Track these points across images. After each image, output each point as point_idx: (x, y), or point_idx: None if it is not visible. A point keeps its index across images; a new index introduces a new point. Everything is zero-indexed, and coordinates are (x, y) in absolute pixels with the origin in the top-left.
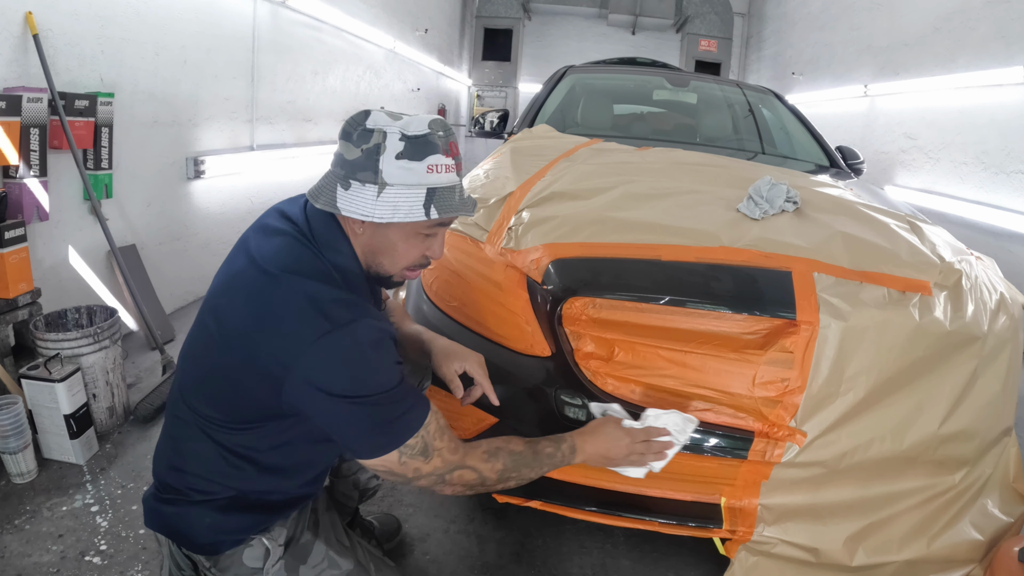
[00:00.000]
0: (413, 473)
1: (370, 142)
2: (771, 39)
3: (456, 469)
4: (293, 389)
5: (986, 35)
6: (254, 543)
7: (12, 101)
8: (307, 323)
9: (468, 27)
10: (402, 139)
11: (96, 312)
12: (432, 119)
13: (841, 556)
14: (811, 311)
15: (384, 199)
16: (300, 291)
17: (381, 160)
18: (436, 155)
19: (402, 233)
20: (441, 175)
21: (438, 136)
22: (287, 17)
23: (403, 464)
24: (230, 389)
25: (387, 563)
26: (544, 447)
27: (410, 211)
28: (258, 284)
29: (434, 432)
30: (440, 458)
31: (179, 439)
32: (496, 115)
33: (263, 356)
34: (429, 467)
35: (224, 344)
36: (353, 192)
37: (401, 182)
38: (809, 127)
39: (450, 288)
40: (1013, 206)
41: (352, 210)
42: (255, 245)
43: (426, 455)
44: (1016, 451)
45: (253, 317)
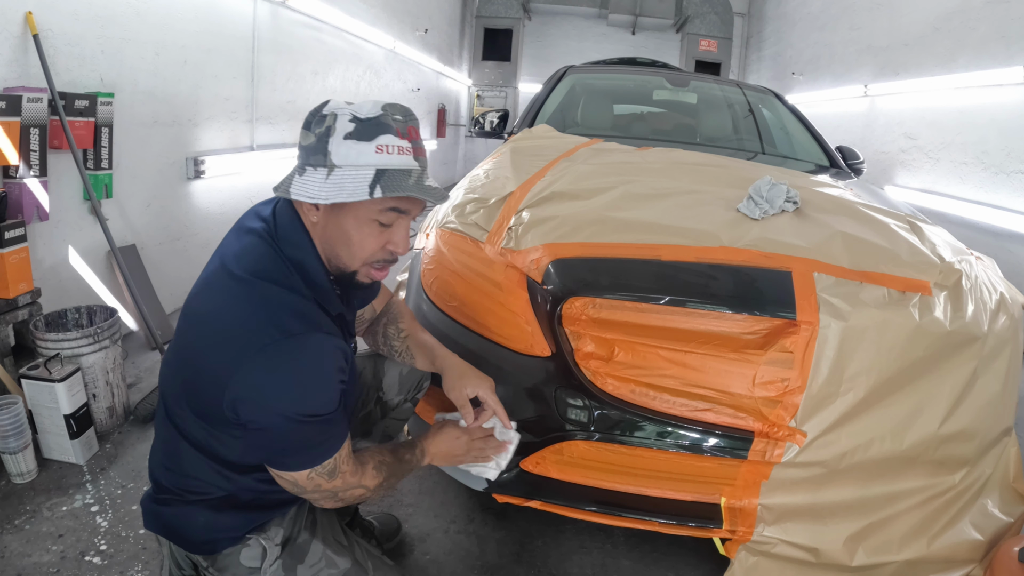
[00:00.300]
0: (313, 488)
1: (323, 126)
2: (771, 39)
3: (351, 488)
4: (236, 392)
5: (986, 35)
6: (251, 543)
7: (12, 101)
8: (258, 330)
9: (468, 27)
10: (352, 120)
11: (96, 312)
12: (390, 103)
13: (841, 556)
14: (811, 311)
15: (331, 180)
16: (255, 295)
17: (330, 142)
18: (387, 135)
19: (355, 220)
20: (392, 156)
21: (393, 119)
22: (287, 17)
23: (309, 479)
24: (195, 391)
25: (386, 562)
26: (403, 454)
27: (355, 191)
28: (221, 285)
29: (344, 457)
30: (342, 479)
31: (167, 441)
32: (496, 115)
33: (212, 357)
34: (330, 485)
35: (191, 345)
36: (307, 177)
37: (349, 163)
38: (809, 127)
39: (450, 288)
40: (1013, 206)
41: (302, 193)
42: (228, 246)
43: (332, 475)
44: (1016, 451)
45: (212, 317)
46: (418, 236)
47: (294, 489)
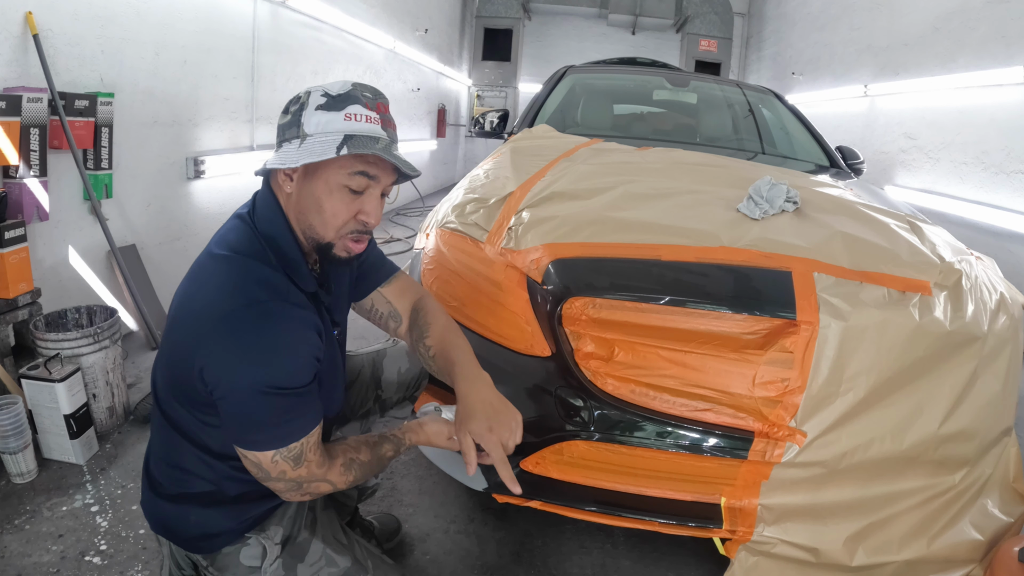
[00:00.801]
0: (277, 474)
1: (297, 104)
2: (771, 39)
3: (315, 481)
4: (203, 361)
5: (986, 35)
6: (251, 542)
7: (12, 101)
8: (223, 297)
9: (468, 27)
10: (324, 96)
11: (96, 312)
12: (359, 83)
13: (841, 556)
14: (811, 311)
15: (303, 148)
16: (226, 268)
17: (304, 115)
18: (356, 105)
19: (325, 185)
20: (360, 123)
21: (363, 94)
22: (287, 17)
23: (273, 463)
24: (181, 376)
25: (385, 561)
26: (386, 451)
27: (323, 152)
28: (199, 267)
29: (312, 444)
30: (307, 469)
31: (158, 433)
32: (496, 115)
33: (184, 332)
34: (294, 473)
35: (170, 331)
36: (282, 151)
37: (320, 131)
38: (809, 127)
39: (450, 288)
40: (1013, 206)
41: (276, 162)
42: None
43: (297, 462)
44: (1016, 451)
45: (186, 295)
46: (418, 236)
47: (258, 473)
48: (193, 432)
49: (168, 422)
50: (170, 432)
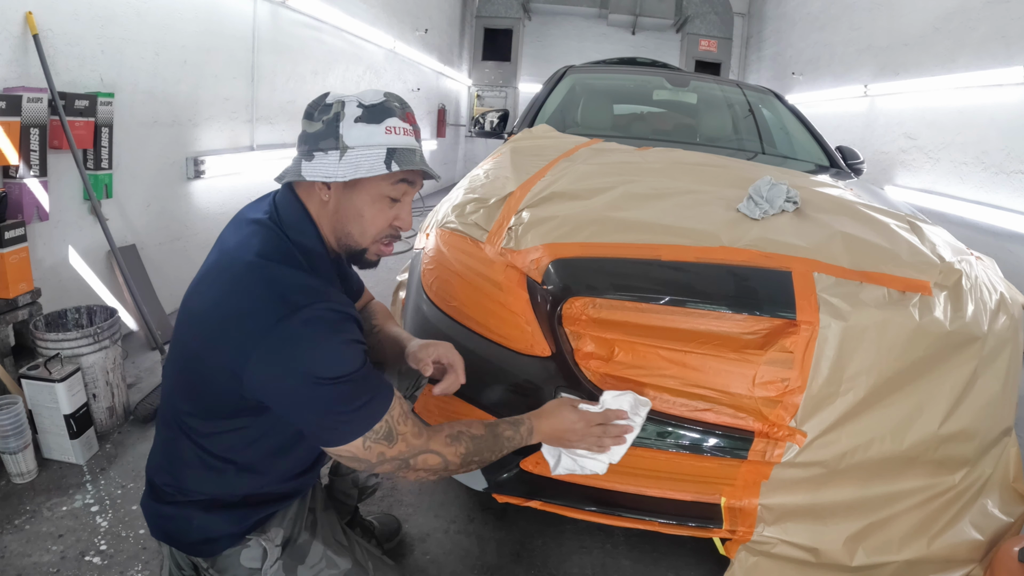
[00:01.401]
0: (377, 458)
1: (330, 113)
2: (771, 39)
3: (420, 453)
4: (254, 376)
5: (986, 35)
6: (251, 544)
7: (12, 101)
8: (266, 307)
9: (468, 27)
10: (359, 106)
11: (96, 312)
12: (388, 92)
13: (841, 556)
14: (811, 311)
15: (346, 160)
16: (261, 275)
17: (341, 126)
18: (393, 118)
19: (368, 197)
20: (399, 136)
21: (394, 105)
22: (287, 17)
23: (367, 449)
24: (201, 383)
25: (386, 562)
26: (503, 430)
27: (372, 167)
28: (223, 271)
29: (398, 417)
30: (404, 443)
31: (165, 441)
32: (496, 115)
33: (222, 342)
34: (393, 451)
35: (195, 336)
36: (317, 160)
37: (361, 143)
38: (809, 127)
39: (450, 288)
40: (1013, 206)
41: (316, 174)
42: (228, 237)
43: (390, 440)
44: (1016, 451)
45: (214, 302)
46: (418, 236)
47: (361, 465)
48: (206, 435)
49: (176, 427)
50: (179, 440)
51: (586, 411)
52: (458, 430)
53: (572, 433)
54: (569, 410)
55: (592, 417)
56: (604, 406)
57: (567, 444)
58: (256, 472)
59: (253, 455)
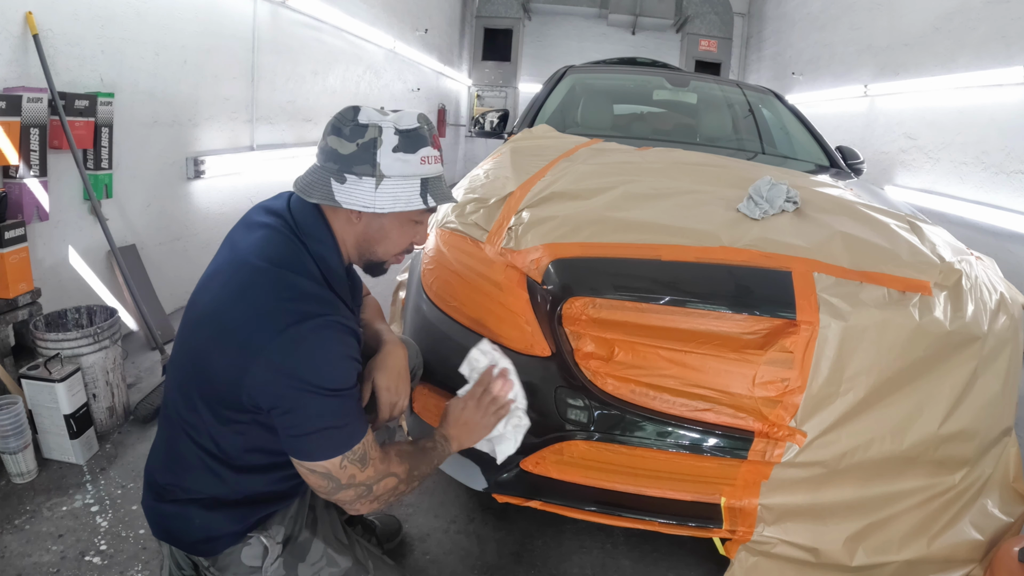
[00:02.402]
0: (347, 480)
1: (365, 136)
2: (771, 39)
3: (383, 478)
4: (256, 378)
5: (986, 35)
6: (252, 542)
7: (12, 101)
8: (277, 315)
9: (468, 27)
10: (396, 133)
11: (96, 312)
12: (419, 114)
13: (841, 556)
14: (811, 311)
15: (383, 190)
16: (276, 281)
17: (379, 153)
18: (427, 148)
19: (397, 221)
20: (432, 166)
21: (425, 129)
22: (287, 17)
23: (342, 468)
24: (206, 381)
25: (386, 561)
26: (424, 444)
27: (409, 200)
28: (237, 272)
29: (371, 442)
30: (373, 467)
31: (169, 442)
32: (496, 115)
33: (230, 343)
34: (363, 475)
35: (203, 335)
36: (350, 185)
37: (399, 174)
38: (809, 127)
39: (450, 288)
40: (1013, 206)
41: (353, 203)
42: (239, 239)
43: (363, 463)
44: (1016, 451)
45: (226, 303)
46: None
47: (328, 485)
48: (207, 435)
49: (179, 426)
50: (181, 439)
51: (467, 394)
52: (399, 449)
53: (473, 418)
54: (456, 405)
55: (476, 394)
56: (471, 378)
57: (480, 430)
58: (258, 471)
59: (255, 454)
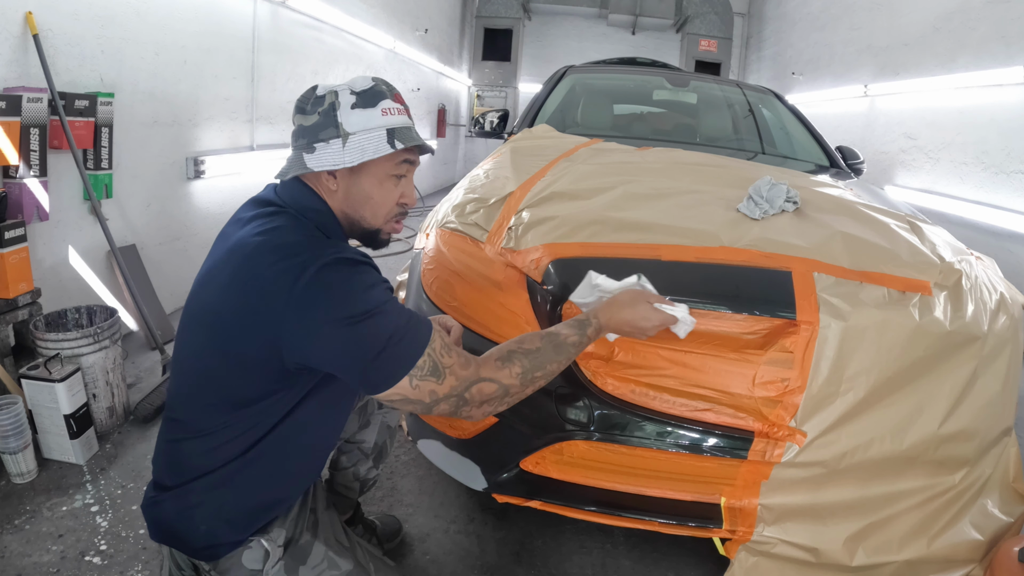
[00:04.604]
0: (430, 397)
1: (324, 104)
2: (771, 39)
3: (473, 384)
4: (293, 337)
5: (986, 35)
6: (253, 545)
7: (12, 101)
8: (290, 265)
9: (468, 27)
10: (352, 93)
11: (96, 312)
12: (374, 76)
13: (841, 556)
14: (811, 311)
15: (350, 146)
16: (277, 245)
17: (339, 114)
18: (386, 100)
19: (374, 179)
20: (395, 117)
21: (383, 87)
22: (287, 17)
23: (416, 388)
24: (228, 372)
25: (387, 563)
26: (566, 336)
27: (377, 148)
28: (237, 260)
29: (440, 349)
30: (453, 376)
31: (173, 444)
32: (496, 115)
33: (251, 319)
34: (444, 387)
35: (213, 325)
36: (319, 151)
37: (361, 128)
38: (809, 127)
39: (450, 288)
40: (1013, 206)
41: (323, 163)
42: (231, 234)
43: (437, 375)
44: (1016, 451)
45: (237, 287)
46: (418, 236)
47: (416, 408)
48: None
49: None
50: (184, 439)
51: (662, 310)
52: (508, 350)
53: (643, 326)
54: (645, 307)
55: (665, 318)
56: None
57: (643, 331)
58: (264, 466)
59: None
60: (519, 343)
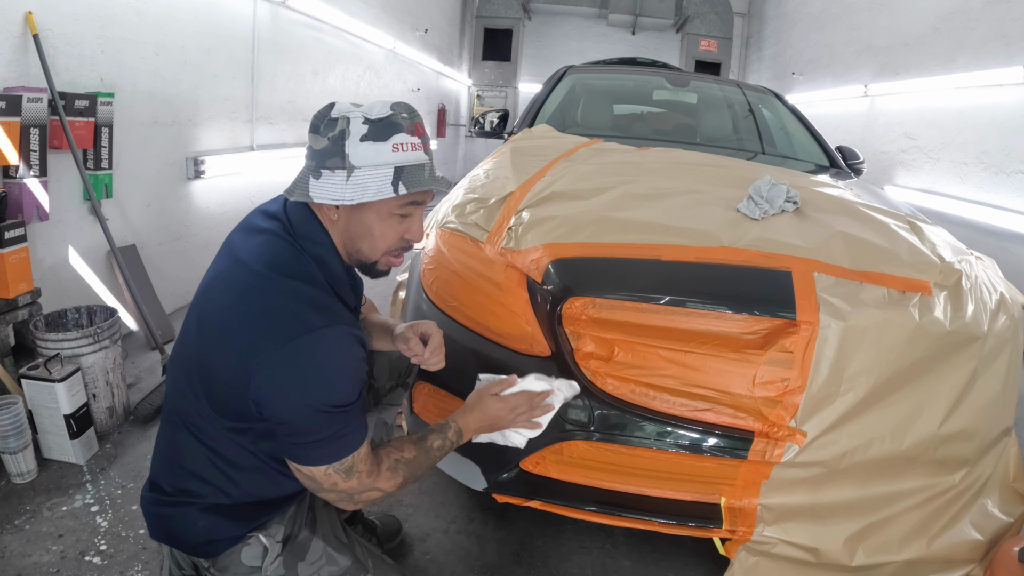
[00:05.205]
0: (329, 486)
1: (335, 129)
2: (771, 39)
3: (366, 491)
4: (260, 386)
5: (986, 35)
6: (252, 542)
7: (12, 101)
8: (283, 323)
9: (468, 27)
10: (365, 122)
11: (96, 312)
12: (395, 102)
13: (841, 556)
14: (811, 311)
15: (353, 182)
16: (279, 290)
17: (347, 144)
18: (400, 134)
19: (376, 215)
20: (407, 153)
21: (401, 117)
22: (287, 17)
23: (326, 475)
24: (214, 386)
25: (385, 560)
26: (432, 442)
27: (379, 190)
28: (239, 280)
29: (363, 455)
30: (358, 479)
31: (172, 443)
32: (496, 115)
33: (236, 353)
34: (346, 485)
35: (207, 340)
36: (324, 180)
37: (368, 163)
38: (809, 127)
39: (450, 288)
40: (1013, 206)
41: (323, 196)
42: (239, 244)
43: (349, 474)
44: (1016, 451)
45: (231, 310)
46: None
47: (311, 485)
48: (214, 438)
49: (184, 429)
50: (188, 443)
51: (508, 395)
52: (395, 459)
53: (500, 421)
54: (491, 399)
55: (514, 400)
56: (522, 387)
57: (498, 426)
58: (262, 474)
59: (260, 458)
60: (400, 452)
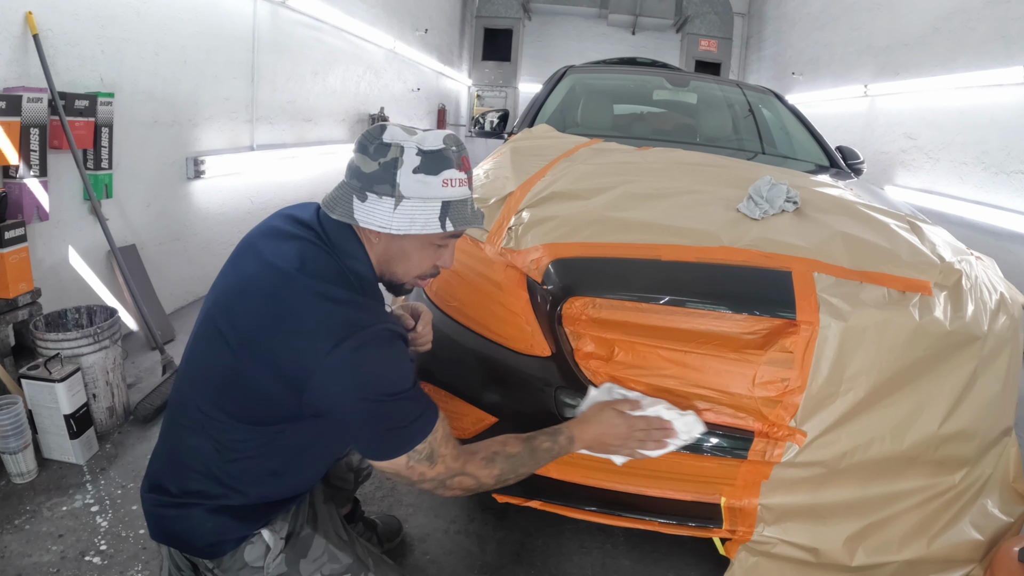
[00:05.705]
0: (418, 477)
1: (387, 156)
2: (771, 39)
3: (456, 476)
4: (316, 391)
5: (986, 35)
6: (255, 539)
7: (12, 101)
8: (328, 327)
9: (468, 27)
10: (419, 154)
11: (96, 312)
12: (446, 134)
13: (841, 556)
14: (811, 311)
15: (401, 211)
16: (320, 294)
17: (399, 174)
18: (451, 170)
19: (417, 244)
20: (455, 189)
21: (451, 151)
22: (287, 17)
23: (410, 468)
24: (247, 392)
25: (385, 560)
26: (541, 443)
27: (426, 223)
28: (276, 286)
29: (440, 439)
30: (443, 464)
31: (180, 445)
32: (496, 115)
33: (283, 359)
34: (433, 472)
35: (240, 346)
36: (370, 204)
37: (418, 195)
38: (809, 127)
39: (450, 288)
40: (1013, 206)
41: (370, 222)
42: (268, 249)
43: (431, 461)
44: (1016, 451)
45: (272, 318)
46: None
47: (402, 481)
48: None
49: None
50: (194, 442)
51: (632, 416)
52: (493, 451)
53: (615, 439)
54: (613, 414)
55: (635, 422)
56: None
57: (608, 450)
58: (279, 477)
59: (280, 461)
60: (503, 445)
